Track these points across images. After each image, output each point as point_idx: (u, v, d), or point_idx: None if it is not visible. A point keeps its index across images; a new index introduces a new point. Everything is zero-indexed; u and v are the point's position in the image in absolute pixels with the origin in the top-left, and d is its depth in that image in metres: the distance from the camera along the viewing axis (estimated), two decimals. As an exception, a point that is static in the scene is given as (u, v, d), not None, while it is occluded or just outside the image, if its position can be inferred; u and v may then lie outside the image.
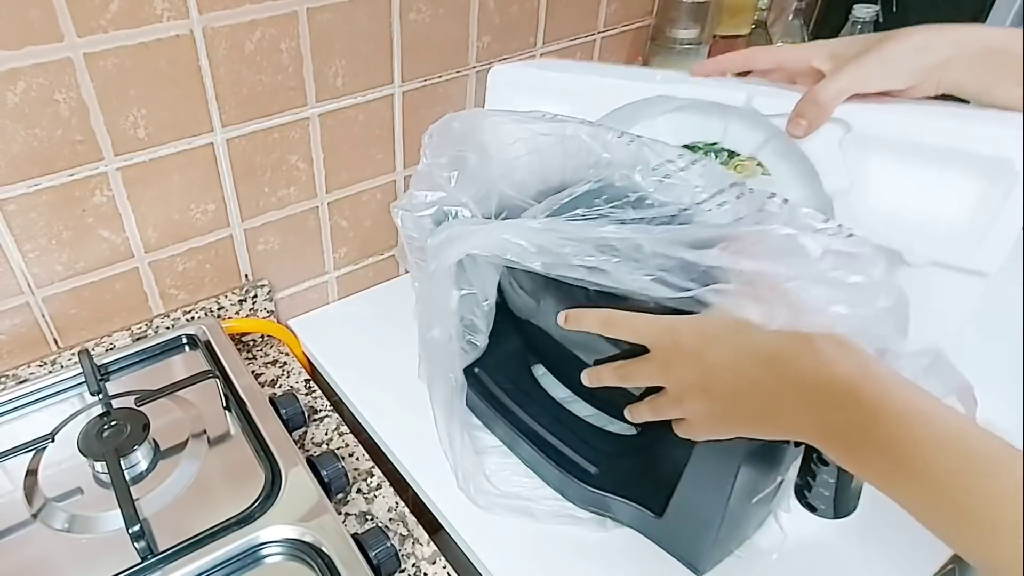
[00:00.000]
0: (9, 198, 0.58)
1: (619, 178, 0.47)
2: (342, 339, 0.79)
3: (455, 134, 0.57)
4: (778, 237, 0.40)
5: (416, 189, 0.57)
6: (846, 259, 0.40)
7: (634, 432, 0.62)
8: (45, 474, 0.58)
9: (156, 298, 0.71)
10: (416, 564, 0.57)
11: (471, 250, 0.51)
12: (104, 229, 0.64)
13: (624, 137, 0.49)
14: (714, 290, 0.40)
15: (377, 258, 0.85)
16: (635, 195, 0.46)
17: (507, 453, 0.64)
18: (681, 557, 0.55)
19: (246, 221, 0.72)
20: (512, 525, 0.59)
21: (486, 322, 0.57)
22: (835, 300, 0.39)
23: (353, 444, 0.68)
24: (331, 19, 0.65)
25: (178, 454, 0.59)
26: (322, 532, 0.52)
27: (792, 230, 0.40)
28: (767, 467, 0.49)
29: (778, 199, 0.43)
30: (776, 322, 0.39)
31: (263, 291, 0.76)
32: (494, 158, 0.54)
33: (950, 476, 0.33)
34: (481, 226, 0.51)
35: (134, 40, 0.57)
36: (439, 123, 0.58)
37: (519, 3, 0.78)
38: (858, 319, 0.39)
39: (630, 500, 0.56)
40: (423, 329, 0.59)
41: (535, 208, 0.50)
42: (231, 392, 0.64)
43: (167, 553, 0.50)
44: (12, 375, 0.66)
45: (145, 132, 0.61)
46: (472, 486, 0.59)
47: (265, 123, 0.67)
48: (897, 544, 0.57)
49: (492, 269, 0.56)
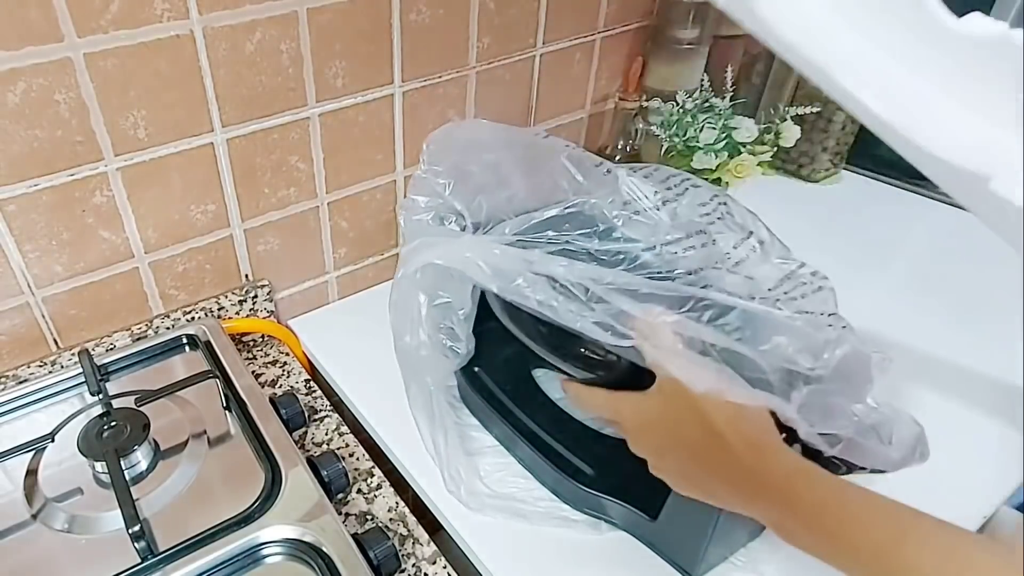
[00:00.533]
0: (9, 198, 0.58)
1: (591, 207, 0.49)
2: (342, 339, 0.80)
3: (453, 144, 0.58)
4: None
5: (414, 194, 0.58)
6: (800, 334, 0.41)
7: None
8: (45, 474, 0.58)
9: (156, 298, 0.71)
10: (416, 564, 0.57)
11: (434, 260, 0.52)
12: (104, 229, 0.64)
13: (602, 166, 0.50)
14: (652, 345, 0.42)
15: (377, 258, 0.86)
16: (603, 227, 0.48)
17: (502, 453, 0.64)
18: (674, 561, 0.55)
19: (246, 221, 0.72)
20: (512, 526, 0.59)
21: (464, 330, 0.58)
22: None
23: (353, 444, 0.68)
24: (331, 19, 0.65)
25: (178, 454, 0.59)
26: (322, 532, 0.52)
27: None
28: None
29: (753, 240, 0.44)
30: (702, 386, 0.41)
31: (263, 291, 0.76)
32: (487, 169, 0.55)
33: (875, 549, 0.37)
34: (448, 239, 0.52)
35: (134, 40, 0.57)
36: (438, 132, 0.60)
37: (519, 3, 0.78)
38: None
39: (625, 502, 0.56)
40: (396, 336, 0.60)
41: (508, 223, 0.51)
42: (231, 392, 0.64)
43: (167, 553, 0.50)
44: (12, 375, 0.66)
45: (145, 132, 0.61)
46: (463, 488, 0.59)
47: (265, 123, 0.67)
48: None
49: (467, 279, 0.57)
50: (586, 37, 0.88)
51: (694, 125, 0.88)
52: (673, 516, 0.53)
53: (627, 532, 0.58)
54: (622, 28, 0.91)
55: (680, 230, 0.46)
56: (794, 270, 0.48)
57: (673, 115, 0.89)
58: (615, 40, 0.91)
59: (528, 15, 0.80)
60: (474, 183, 0.56)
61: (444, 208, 0.56)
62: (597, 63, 0.91)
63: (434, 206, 0.57)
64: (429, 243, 0.53)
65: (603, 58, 0.91)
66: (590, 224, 0.48)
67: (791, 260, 0.49)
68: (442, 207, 0.56)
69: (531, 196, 0.54)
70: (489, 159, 0.57)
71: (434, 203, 0.57)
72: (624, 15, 0.89)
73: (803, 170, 1.10)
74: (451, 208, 0.56)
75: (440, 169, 0.57)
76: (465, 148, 0.57)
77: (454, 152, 0.58)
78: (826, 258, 0.57)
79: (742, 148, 0.89)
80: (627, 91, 0.92)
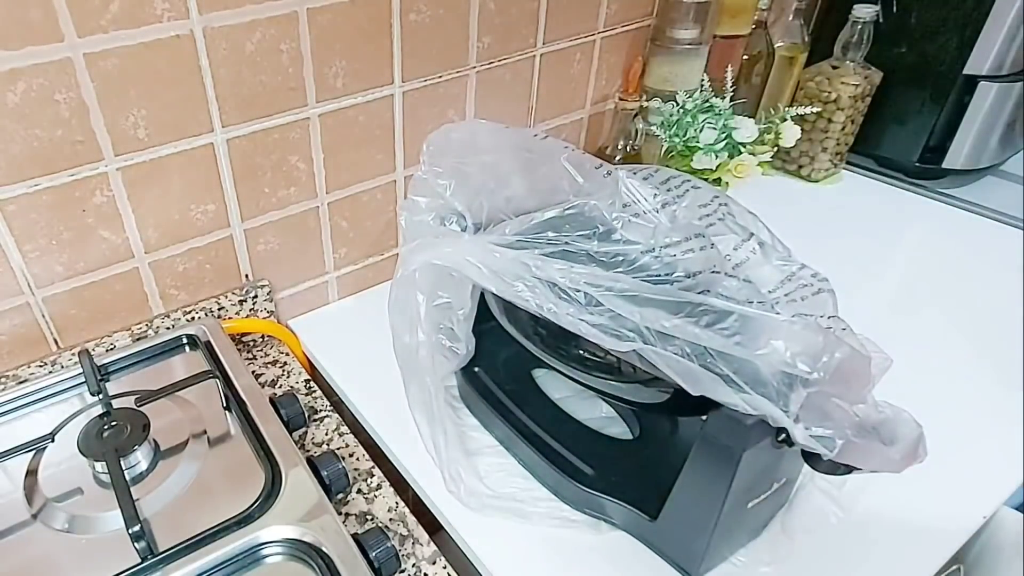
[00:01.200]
0: (9, 198, 0.58)
1: (591, 208, 0.49)
2: (342, 339, 0.80)
3: (453, 144, 0.58)
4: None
5: (414, 195, 0.58)
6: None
7: (631, 436, 0.62)
8: (45, 474, 0.58)
9: (156, 298, 0.71)
10: (416, 564, 0.57)
11: (433, 260, 0.52)
12: (104, 229, 0.64)
13: (602, 168, 0.50)
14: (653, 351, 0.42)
15: (377, 258, 0.86)
16: (603, 228, 0.48)
17: (503, 454, 0.64)
18: (674, 561, 0.55)
19: (246, 221, 0.72)
20: (512, 526, 0.59)
21: (464, 330, 0.58)
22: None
23: (353, 444, 0.68)
24: (331, 19, 0.65)
25: (178, 454, 0.59)
26: (322, 532, 0.52)
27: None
28: (763, 471, 0.49)
29: (754, 241, 0.44)
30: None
31: (263, 291, 0.76)
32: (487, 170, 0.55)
33: None
34: (448, 240, 0.52)
35: (134, 40, 0.57)
36: (437, 133, 0.60)
37: (519, 4, 0.78)
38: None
39: (625, 502, 0.56)
40: (395, 336, 0.60)
41: (508, 224, 0.51)
42: (231, 392, 0.64)
43: (167, 553, 0.50)
44: (12, 375, 0.66)
45: (145, 132, 0.61)
46: (463, 488, 0.60)
47: (265, 123, 0.67)
48: (899, 545, 0.57)
49: (466, 279, 0.57)
50: (586, 37, 0.87)
51: (694, 125, 0.88)
52: (673, 516, 0.53)
53: (627, 532, 0.58)
54: (622, 28, 0.91)
55: (679, 233, 0.46)
56: (794, 272, 0.48)
57: (673, 115, 0.89)
58: (615, 40, 0.91)
59: (528, 15, 0.80)
60: (474, 184, 0.56)
61: (445, 209, 0.56)
62: (597, 63, 0.91)
63: (435, 207, 0.57)
64: (428, 243, 0.53)
65: (603, 58, 0.91)
66: (590, 226, 0.49)
67: (791, 262, 0.49)
68: (443, 208, 0.56)
69: (531, 197, 0.54)
70: (489, 160, 0.57)
71: (435, 204, 0.57)
72: (624, 15, 0.89)
73: (803, 170, 1.10)
74: (452, 209, 0.56)
75: (440, 170, 0.57)
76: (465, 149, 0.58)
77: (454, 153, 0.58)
78: (826, 258, 0.57)
79: (742, 148, 0.89)
80: (627, 91, 0.91)
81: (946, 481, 0.61)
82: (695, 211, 0.50)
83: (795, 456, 0.46)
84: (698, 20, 0.88)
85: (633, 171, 0.52)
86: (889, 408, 0.43)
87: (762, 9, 0.96)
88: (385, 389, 0.70)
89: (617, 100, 0.93)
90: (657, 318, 0.41)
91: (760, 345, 0.41)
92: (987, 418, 0.69)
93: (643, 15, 0.92)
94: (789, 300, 0.46)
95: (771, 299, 0.46)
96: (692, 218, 0.49)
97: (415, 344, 0.58)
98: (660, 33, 0.91)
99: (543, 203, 0.52)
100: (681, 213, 0.49)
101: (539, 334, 0.55)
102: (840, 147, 1.07)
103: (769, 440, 0.44)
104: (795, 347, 0.40)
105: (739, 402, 0.40)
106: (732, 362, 0.41)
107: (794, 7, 1.02)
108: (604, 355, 0.51)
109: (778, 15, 1.03)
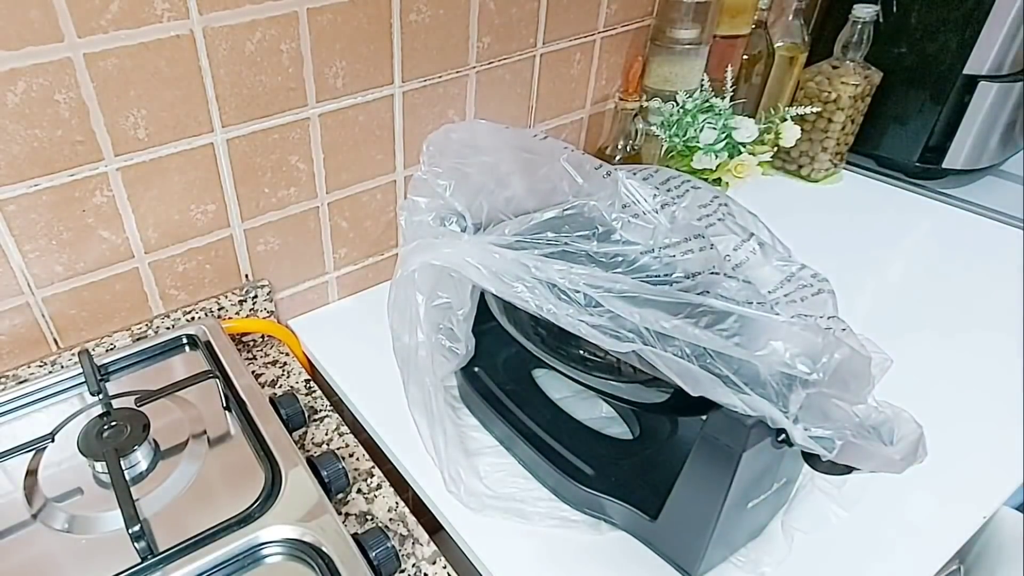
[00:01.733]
0: (9, 198, 0.58)
1: (590, 209, 0.49)
2: (342, 339, 0.80)
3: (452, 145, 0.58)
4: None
5: (414, 195, 0.58)
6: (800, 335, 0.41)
7: (631, 436, 0.62)
8: (45, 474, 0.58)
9: (156, 298, 0.71)
10: (416, 564, 0.57)
11: (433, 261, 0.52)
12: (104, 229, 0.64)
13: (602, 169, 0.50)
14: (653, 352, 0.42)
15: (377, 258, 0.86)
16: (602, 229, 0.48)
17: (503, 454, 0.64)
18: (674, 561, 0.55)
19: (246, 221, 0.72)
20: (512, 526, 0.59)
21: (464, 330, 0.58)
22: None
23: (353, 444, 0.68)
24: (331, 19, 0.65)
25: (178, 454, 0.59)
26: (322, 532, 0.52)
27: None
28: (763, 472, 0.49)
29: (753, 242, 0.44)
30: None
31: (263, 291, 0.76)
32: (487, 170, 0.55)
33: None
34: (447, 240, 0.52)
35: (134, 40, 0.57)
36: (437, 133, 0.60)
37: (519, 3, 0.78)
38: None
39: (625, 502, 0.56)
40: (395, 336, 0.60)
41: (508, 224, 0.51)
42: (231, 392, 0.64)
43: (167, 553, 0.50)
44: (12, 375, 0.66)
45: (145, 132, 0.61)
46: (462, 488, 0.60)
47: (265, 123, 0.67)
48: (899, 545, 0.57)
49: (466, 279, 0.57)
50: (586, 37, 0.87)
51: (694, 125, 0.88)
52: (673, 516, 0.53)
53: (627, 532, 0.58)
54: (622, 28, 0.90)
55: (679, 233, 0.46)
56: (794, 272, 0.48)
57: (673, 115, 0.89)
58: (615, 40, 0.91)
59: (528, 15, 0.80)
60: (474, 184, 0.56)
61: (445, 209, 0.56)
62: (597, 63, 0.91)
63: (435, 207, 0.57)
64: (428, 244, 0.53)
65: (603, 58, 0.91)
66: (589, 226, 0.49)
67: (791, 262, 0.49)
68: (443, 208, 0.57)
69: (530, 197, 0.55)
70: (489, 160, 0.57)
71: (435, 204, 0.57)
72: (624, 15, 0.89)
73: (803, 170, 1.10)
74: (452, 209, 0.56)
75: (440, 170, 0.57)
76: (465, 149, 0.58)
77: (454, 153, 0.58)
78: (826, 258, 0.57)
79: (742, 148, 0.89)
80: (627, 91, 0.91)
81: (946, 481, 0.61)
82: (695, 211, 0.50)
83: (795, 456, 0.46)
84: (698, 20, 0.88)
85: (633, 171, 0.52)
86: (889, 408, 0.43)
87: (762, 9, 0.96)
88: (385, 389, 0.70)
89: (617, 100, 0.93)
90: (657, 319, 0.41)
91: (760, 346, 0.41)
92: (987, 418, 0.69)
93: (643, 15, 0.92)
94: (789, 301, 0.46)
95: (771, 300, 0.46)
96: (692, 219, 0.49)
97: (415, 344, 0.58)
98: (660, 33, 0.91)
99: (543, 203, 0.52)
100: (681, 214, 0.49)
101: (539, 334, 0.55)
102: (840, 147, 1.07)
103: (769, 440, 0.44)
104: (795, 348, 0.40)
105: (738, 403, 0.40)
106: (732, 363, 0.41)
107: (794, 7, 1.02)
108: (604, 355, 0.51)
109: (778, 15, 1.03)
